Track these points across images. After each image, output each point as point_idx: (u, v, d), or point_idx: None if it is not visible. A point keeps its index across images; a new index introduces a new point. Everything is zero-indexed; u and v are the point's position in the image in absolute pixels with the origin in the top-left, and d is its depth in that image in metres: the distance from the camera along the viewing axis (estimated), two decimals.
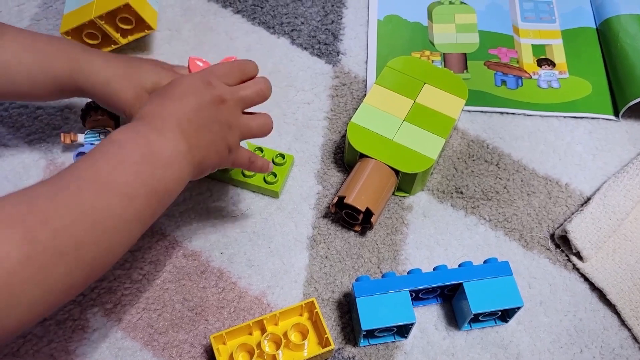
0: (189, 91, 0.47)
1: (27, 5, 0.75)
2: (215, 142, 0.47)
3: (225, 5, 0.77)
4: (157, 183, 0.43)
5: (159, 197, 0.43)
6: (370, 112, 0.62)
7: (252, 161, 0.52)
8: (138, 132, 0.44)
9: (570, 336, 0.55)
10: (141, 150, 0.43)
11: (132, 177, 0.41)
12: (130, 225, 0.41)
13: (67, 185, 0.39)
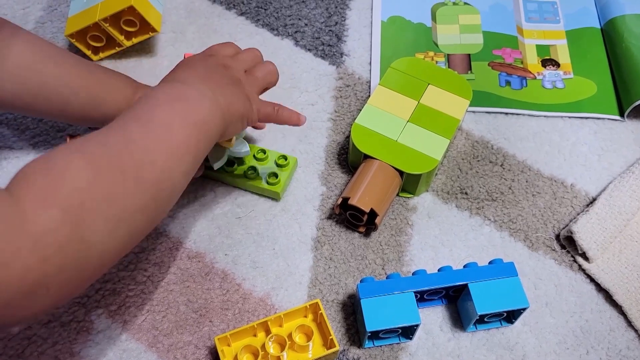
0: (194, 61, 0.52)
1: (32, 9, 0.76)
2: (234, 92, 0.50)
3: (229, 7, 0.77)
4: (194, 116, 0.45)
5: (199, 129, 0.45)
6: (374, 113, 0.62)
7: (278, 110, 0.55)
8: (163, 86, 0.47)
9: (577, 337, 0.55)
10: (172, 94, 0.46)
11: (169, 113, 0.44)
12: (179, 151, 0.43)
13: (112, 126, 0.42)
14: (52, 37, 0.73)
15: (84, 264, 0.37)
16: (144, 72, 0.70)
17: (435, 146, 0.59)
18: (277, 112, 0.55)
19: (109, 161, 0.39)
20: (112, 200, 0.38)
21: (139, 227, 0.41)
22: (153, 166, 0.41)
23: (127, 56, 0.72)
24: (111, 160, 0.39)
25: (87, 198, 0.36)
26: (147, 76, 0.70)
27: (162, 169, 0.42)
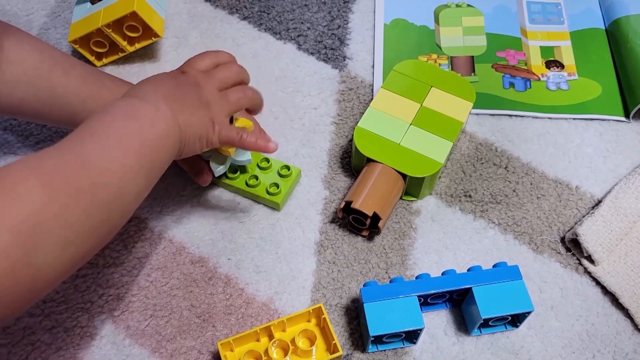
0: (163, 77, 0.51)
1: (35, 15, 0.76)
2: (196, 113, 0.49)
3: (231, 11, 0.77)
4: (149, 135, 0.45)
5: (153, 149, 0.45)
6: (376, 116, 0.61)
7: (243, 137, 0.52)
8: (122, 102, 0.46)
9: (583, 341, 0.54)
10: (128, 111, 0.45)
11: (124, 131, 0.44)
12: (133, 173, 0.43)
13: (68, 141, 0.42)
14: (56, 43, 0.73)
15: (30, 285, 0.37)
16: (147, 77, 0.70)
17: (439, 149, 0.59)
18: (241, 138, 0.52)
19: (64, 182, 0.39)
20: (64, 223, 0.38)
21: (88, 248, 0.41)
22: (107, 188, 0.41)
23: (131, 61, 0.72)
24: (67, 182, 0.39)
25: (39, 221, 0.36)
26: None
27: (115, 190, 0.42)
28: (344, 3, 0.78)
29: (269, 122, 0.67)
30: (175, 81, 0.50)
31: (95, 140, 0.42)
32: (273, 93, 0.70)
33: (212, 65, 0.55)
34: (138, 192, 0.44)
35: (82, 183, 0.39)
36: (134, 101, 0.46)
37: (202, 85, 0.51)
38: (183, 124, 0.47)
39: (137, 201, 0.45)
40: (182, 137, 0.48)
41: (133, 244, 0.59)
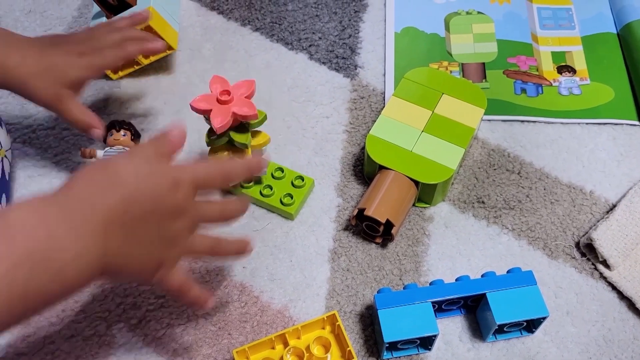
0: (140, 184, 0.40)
1: (53, 31, 0.78)
2: (144, 254, 0.40)
3: (244, 23, 0.78)
4: (36, 287, 0.35)
5: (29, 303, 0.36)
6: (388, 124, 0.62)
7: (184, 290, 0.45)
8: (43, 219, 0.36)
9: (599, 347, 0.54)
10: (32, 246, 0.35)
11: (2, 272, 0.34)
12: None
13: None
14: None
15: None
16: (162, 89, 0.72)
17: (451, 155, 0.59)
18: (181, 293, 0.45)
19: None
20: None
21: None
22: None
23: (146, 74, 0.73)
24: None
25: None
26: (165, 93, 0.71)
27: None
28: (354, 13, 0.79)
29: (281, 131, 0.68)
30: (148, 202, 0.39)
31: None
32: (285, 103, 0.71)
33: (213, 180, 0.45)
34: None
35: None
36: (55, 231, 0.36)
37: (182, 216, 0.41)
38: (114, 268, 0.39)
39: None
40: (102, 280, 0.39)
41: None
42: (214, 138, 0.56)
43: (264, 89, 0.72)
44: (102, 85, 0.72)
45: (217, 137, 0.55)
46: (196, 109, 0.53)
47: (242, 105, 0.53)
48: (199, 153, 0.66)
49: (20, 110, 0.70)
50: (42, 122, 0.69)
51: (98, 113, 0.69)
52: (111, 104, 0.70)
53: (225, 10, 0.80)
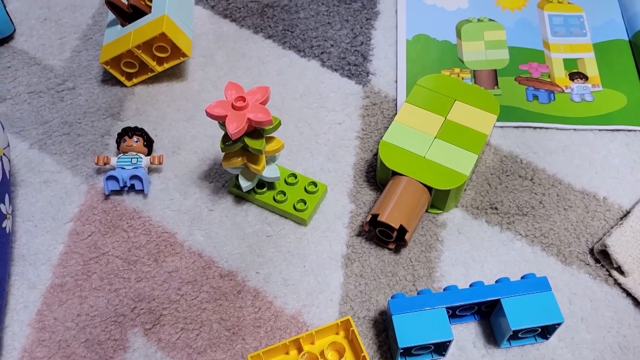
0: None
1: (68, 38, 0.79)
2: None
3: (256, 31, 0.79)
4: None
5: None
6: (401, 130, 0.62)
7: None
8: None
9: (615, 353, 0.53)
10: None
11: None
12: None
13: None
14: (88, 64, 0.75)
15: None
16: (176, 96, 0.72)
17: (464, 161, 0.60)
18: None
19: None
20: None
21: None
22: None
23: (159, 81, 0.74)
24: None
25: None
26: (178, 100, 0.72)
27: None
28: (366, 20, 0.80)
29: (294, 138, 0.68)
30: None
31: None
32: (298, 109, 0.71)
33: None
34: None
35: None
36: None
37: None
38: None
39: None
40: None
41: (164, 259, 0.60)
42: (229, 144, 0.56)
43: (276, 95, 0.72)
44: (116, 92, 0.73)
45: (232, 142, 0.56)
46: (211, 114, 0.53)
47: (257, 112, 0.53)
48: (212, 159, 0.67)
49: (36, 117, 0.71)
50: (57, 128, 0.70)
51: (112, 120, 0.70)
52: (125, 111, 0.71)
53: (238, 18, 0.80)
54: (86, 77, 0.74)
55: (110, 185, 0.63)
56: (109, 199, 0.64)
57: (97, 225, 0.62)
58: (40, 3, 0.83)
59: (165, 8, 0.69)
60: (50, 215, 0.63)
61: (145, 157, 0.64)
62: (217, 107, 0.53)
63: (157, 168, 0.66)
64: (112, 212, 0.63)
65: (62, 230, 0.62)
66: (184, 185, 0.65)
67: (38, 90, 0.73)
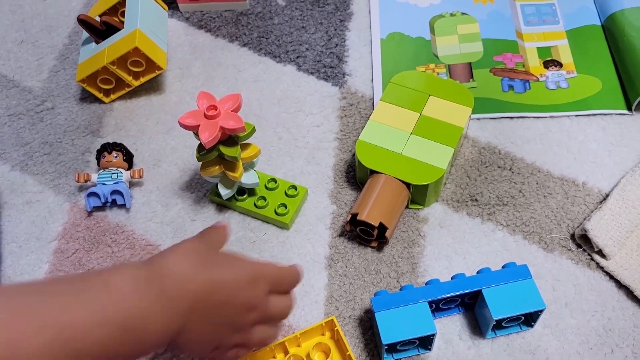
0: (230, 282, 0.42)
1: (45, 59, 0.79)
2: (209, 335, 0.42)
3: (231, 39, 0.79)
4: (120, 352, 0.37)
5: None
6: (377, 128, 0.63)
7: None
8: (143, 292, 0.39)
9: (600, 337, 0.54)
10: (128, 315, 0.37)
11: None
12: None
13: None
14: (66, 84, 0.76)
15: None
16: (154, 109, 0.73)
17: (441, 156, 0.60)
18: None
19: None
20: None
21: None
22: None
23: (137, 95, 0.74)
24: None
25: None
26: (157, 113, 0.72)
27: None
28: (340, 22, 0.80)
29: (273, 143, 0.69)
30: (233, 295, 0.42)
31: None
32: (276, 114, 0.71)
33: (275, 283, 0.46)
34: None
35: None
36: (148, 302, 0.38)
37: (253, 310, 0.43)
38: (182, 341, 0.40)
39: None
40: (164, 348, 0.41)
41: None
42: (204, 153, 0.56)
43: (254, 102, 0.73)
44: (95, 109, 0.73)
45: (207, 151, 0.56)
46: (184, 125, 0.54)
47: (229, 119, 0.53)
48: (193, 170, 0.67)
49: (17, 138, 0.71)
50: (38, 148, 0.70)
51: (92, 136, 0.70)
52: (105, 127, 0.71)
53: (213, 28, 0.81)
54: (65, 96, 0.75)
55: (91, 201, 0.63)
56: (92, 216, 0.64)
57: (82, 242, 0.62)
58: (17, 26, 0.83)
59: (137, 23, 0.69)
60: (34, 236, 0.63)
61: (125, 171, 0.65)
62: (189, 117, 0.54)
63: (138, 182, 0.66)
64: (96, 229, 0.63)
65: (46, 250, 0.62)
66: (165, 197, 0.65)
67: (17, 112, 0.74)
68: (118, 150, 0.64)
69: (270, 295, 0.45)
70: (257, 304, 0.44)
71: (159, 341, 0.39)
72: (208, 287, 0.41)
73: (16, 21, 0.84)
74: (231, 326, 0.43)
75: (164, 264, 0.40)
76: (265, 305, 0.44)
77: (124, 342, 0.37)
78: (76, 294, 0.36)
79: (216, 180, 0.61)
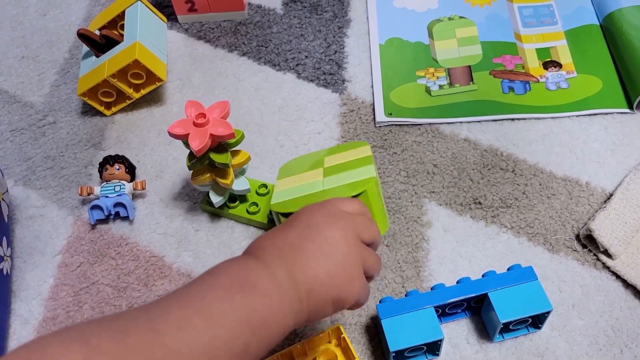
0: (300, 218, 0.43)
1: (46, 74, 0.79)
2: (332, 268, 0.41)
3: (231, 49, 0.80)
4: (253, 314, 0.37)
5: (253, 331, 0.37)
6: (285, 189, 0.55)
7: None
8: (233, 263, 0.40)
9: (608, 337, 0.53)
10: (237, 277, 0.38)
11: (222, 304, 0.36)
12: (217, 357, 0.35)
13: (148, 309, 0.35)
14: (67, 98, 0.76)
15: None
16: (155, 120, 0.73)
17: (364, 172, 0.52)
18: None
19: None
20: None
21: None
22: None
23: (138, 107, 0.74)
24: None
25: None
26: (158, 124, 0.73)
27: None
28: (338, 29, 0.80)
29: (275, 151, 0.69)
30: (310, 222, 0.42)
31: (181, 311, 0.35)
32: (277, 123, 0.71)
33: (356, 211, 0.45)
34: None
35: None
36: (248, 263, 0.39)
37: (352, 228, 0.42)
38: (306, 292, 0.39)
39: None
40: (303, 309, 0.39)
41: (153, 283, 0.60)
42: (194, 162, 0.56)
43: (255, 111, 0.73)
44: (97, 122, 0.73)
45: (197, 159, 0.56)
46: (173, 134, 0.54)
47: (218, 126, 0.53)
48: (184, 179, 0.67)
49: (19, 154, 0.71)
50: (40, 163, 0.70)
51: (94, 150, 0.71)
52: (106, 140, 0.72)
53: (212, 38, 0.81)
54: (66, 110, 0.75)
55: (95, 214, 0.63)
56: (96, 229, 0.64)
57: (86, 256, 0.62)
58: (18, 42, 0.84)
59: (137, 35, 0.70)
60: (38, 250, 0.63)
61: (128, 183, 0.65)
62: (178, 126, 0.54)
63: (141, 193, 0.67)
64: (100, 241, 0.63)
65: (51, 264, 0.62)
66: (169, 208, 0.65)
67: (20, 127, 0.74)
68: (120, 163, 0.64)
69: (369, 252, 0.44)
70: (362, 229, 0.43)
71: (283, 334, 0.39)
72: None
73: (17, 37, 0.84)
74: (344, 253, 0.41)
75: (287, 246, 0.41)
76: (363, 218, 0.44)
77: (255, 340, 0.37)
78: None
79: (207, 189, 0.61)
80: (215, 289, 0.37)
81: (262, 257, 0.40)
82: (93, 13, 0.86)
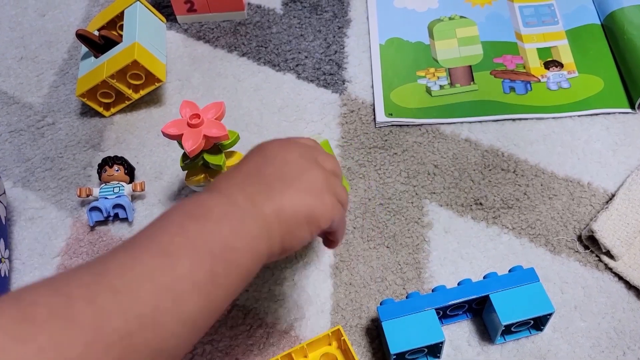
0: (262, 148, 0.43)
1: (45, 75, 0.79)
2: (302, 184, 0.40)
3: (230, 50, 0.79)
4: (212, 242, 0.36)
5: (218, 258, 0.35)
6: None
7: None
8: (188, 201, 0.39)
9: (611, 339, 0.53)
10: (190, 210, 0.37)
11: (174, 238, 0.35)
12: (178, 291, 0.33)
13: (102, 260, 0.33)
14: (66, 99, 0.76)
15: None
16: (154, 121, 0.73)
17: None
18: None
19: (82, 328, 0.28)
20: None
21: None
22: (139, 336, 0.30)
23: (137, 108, 0.74)
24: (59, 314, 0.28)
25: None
26: (158, 125, 0.72)
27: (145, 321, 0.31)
28: (338, 29, 0.80)
29: None
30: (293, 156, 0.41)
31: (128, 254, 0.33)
32: (277, 123, 0.71)
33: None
34: (189, 319, 0.33)
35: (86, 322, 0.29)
36: (204, 196, 0.38)
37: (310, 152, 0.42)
38: (273, 212, 0.38)
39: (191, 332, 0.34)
40: (273, 230, 0.38)
41: None
42: (188, 162, 0.56)
43: (254, 111, 0.72)
44: (96, 123, 0.73)
45: (191, 160, 0.56)
46: (167, 134, 0.53)
47: (212, 127, 0.53)
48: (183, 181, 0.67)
49: (18, 155, 0.71)
50: (39, 164, 0.70)
51: (93, 151, 0.70)
52: (105, 141, 0.71)
53: (212, 38, 0.81)
54: (65, 111, 0.75)
55: (94, 216, 0.63)
56: (95, 230, 0.64)
57: (85, 258, 0.62)
58: (16, 42, 0.83)
59: (136, 36, 0.69)
60: (37, 252, 0.63)
61: (127, 185, 0.64)
62: (172, 126, 0.54)
63: (140, 195, 0.66)
64: (99, 243, 0.63)
65: (50, 266, 0.62)
66: None
67: (18, 128, 0.74)
68: (119, 164, 0.64)
69: None
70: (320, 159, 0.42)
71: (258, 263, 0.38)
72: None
73: (16, 38, 0.84)
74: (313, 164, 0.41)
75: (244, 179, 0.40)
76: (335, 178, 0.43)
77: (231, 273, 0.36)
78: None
79: (201, 190, 0.60)
80: (166, 227, 0.35)
81: (216, 189, 0.39)
82: (92, 13, 0.85)
